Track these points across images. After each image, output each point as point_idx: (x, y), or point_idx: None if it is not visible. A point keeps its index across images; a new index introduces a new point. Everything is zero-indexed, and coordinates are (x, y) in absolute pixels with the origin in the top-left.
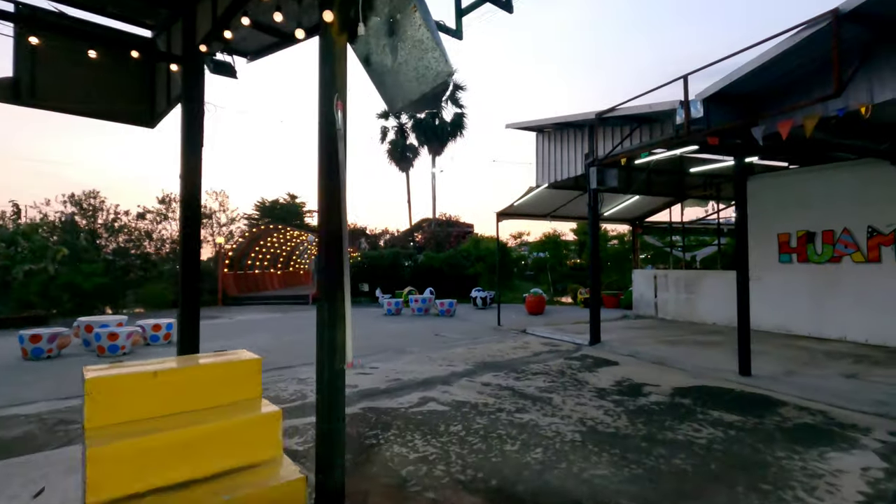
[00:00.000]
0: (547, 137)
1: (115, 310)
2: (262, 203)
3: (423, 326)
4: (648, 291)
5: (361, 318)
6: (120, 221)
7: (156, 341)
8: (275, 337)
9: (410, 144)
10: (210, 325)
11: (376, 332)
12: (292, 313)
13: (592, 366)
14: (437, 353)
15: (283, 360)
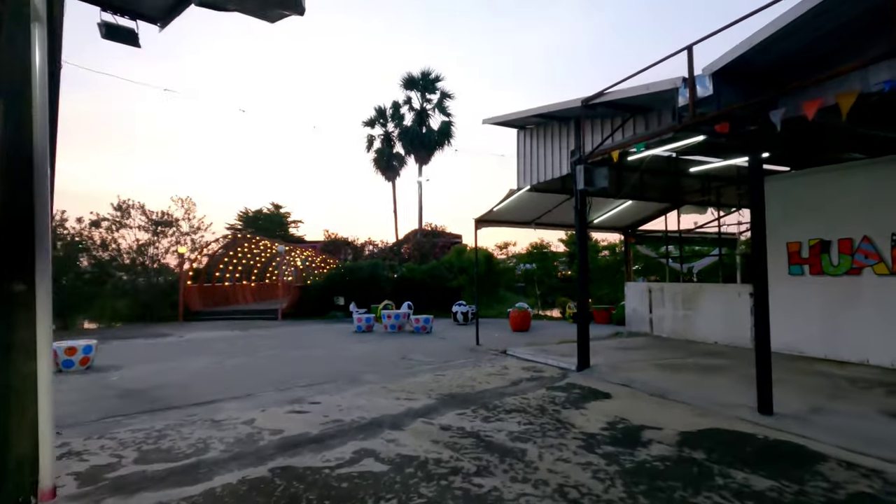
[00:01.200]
0: (529, 134)
1: (57, 326)
2: (245, 213)
3: (391, 347)
4: (642, 306)
5: (328, 335)
6: (66, 230)
7: (69, 367)
8: (216, 361)
9: (397, 153)
10: (149, 345)
11: (336, 354)
12: (253, 330)
13: (579, 399)
14: (397, 382)
15: (209, 393)
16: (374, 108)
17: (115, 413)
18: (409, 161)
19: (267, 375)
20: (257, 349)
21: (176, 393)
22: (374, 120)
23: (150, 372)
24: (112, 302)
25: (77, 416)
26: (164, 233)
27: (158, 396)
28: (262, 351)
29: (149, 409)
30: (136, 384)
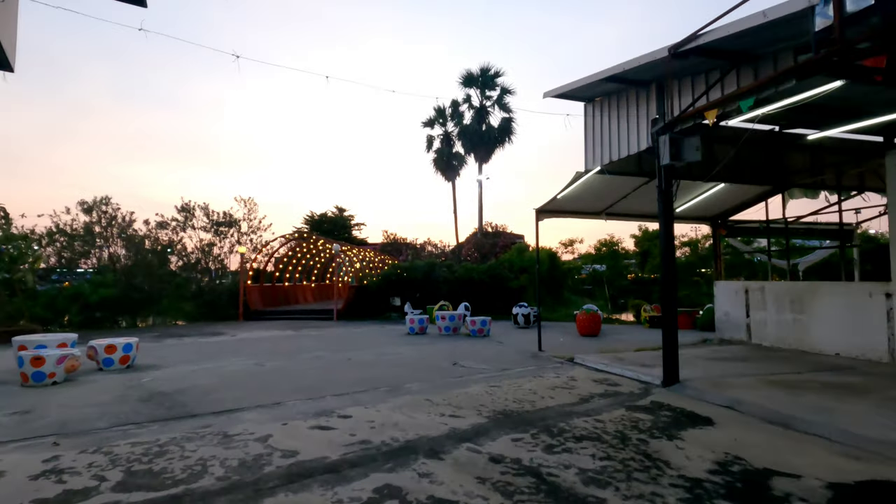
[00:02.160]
0: (598, 107)
1: (129, 324)
2: (311, 216)
3: (443, 351)
4: (737, 309)
5: (378, 337)
6: (139, 231)
7: (110, 365)
8: (256, 363)
9: (456, 152)
10: (200, 344)
11: (382, 359)
12: (306, 331)
13: (671, 425)
14: (444, 392)
15: (235, 399)
16: (433, 108)
17: (127, 420)
18: (468, 160)
19: (302, 381)
20: (302, 351)
21: (200, 398)
22: (434, 120)
23: (184, 373)
24: (177, 301)
25: (88, 422)
26: (225, 233)
27: (181, 402)
28: (306, 353)
29: (164, 416)
30: (165, 386)
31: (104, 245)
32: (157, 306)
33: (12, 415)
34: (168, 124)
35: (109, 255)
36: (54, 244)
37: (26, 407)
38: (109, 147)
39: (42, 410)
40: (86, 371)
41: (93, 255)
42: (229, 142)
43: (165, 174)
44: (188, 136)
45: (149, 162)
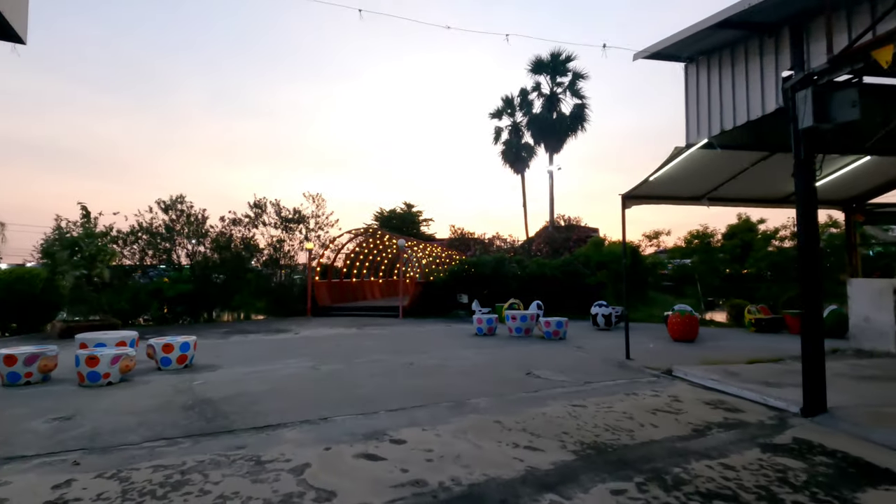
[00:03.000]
0: (704, 66)
1: (204, 319)
2: (380, 213)
3: (514, 356)
4: (881, 314)
5: (443, 338)
6: (214, 228)
7: (167, 365)
8: (311, 366)
9: (525, 143)
10: (263, 342)
11: (446, 364)
12: (370, 328)
13: (838, 480)
14: (517, 412)
15: (279, 411)
16: (500, 99)
17: (161, 434)
18: (538, 151)
19: (356, 390)
20: (361, 352)
21: (244, 408)
22: (502, 110)
23: (237, 376)
24: (250, 297)
25: (121, 435)
26: (293, 229)
27: (224, 412)
28: (365, 355)
29: (200, 430)
30: (213, 391)
31: (182, 242)
32: (231, 302)
33: (53, 421)
34: (254, 131)
35: (186, 251)
36: (138, 241)
37: (71, 411)
38: (203, 154)
39: (83, 416)
40: (144, 370)
41: (172, 251)
42: (308, 145)
43: (251, 177)
44: (271, 141)
45: (236, 166)
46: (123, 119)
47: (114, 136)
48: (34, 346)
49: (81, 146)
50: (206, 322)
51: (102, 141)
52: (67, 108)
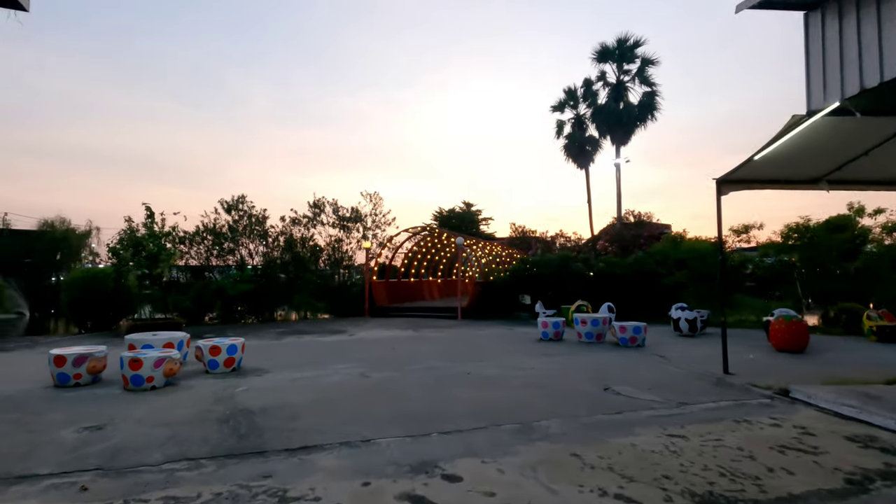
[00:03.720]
0: (833, 13)
1: (265, 319)
2: (439, 212)
3: (586, 367)
4: None
5: (505, 343)
6: (275, 228)
7: (215, 368)
8: (361, 373)
9: (590, 136)
10: (316, 344)
11: (509, 374)
12: (427, 331)
13: None
14: (597, 440)
15: (318, 429)
16: (562, 90)
17: (185, 454)
18: (604, 144)
19: (406, 403)
20: (416, 358)
21: (283, 423)
22: (564, 103)
23: (282, 383)
24: (309, 297)
25: (145, 452)
26: (350, 228)
27: (259, 427)
28: (419, 361)
29: (228, 451)
30: (254, 401)
31: (244, 242)
32: (291, 301)
33: (83, 430)
34: (315, 137)
35: (248, 251)
36: (204, 242)
37: (104, 419)
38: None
39: (114, 426)
40: (192, 373)
41: (236, 251)
42: (366, 148)
43: (312, 182)
44: (332, 147)
45: (299, 172)
46: (200, 129)
47: (192, 145)
48: (84, 347)
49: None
50: (267, 322)
51: (182, 150)
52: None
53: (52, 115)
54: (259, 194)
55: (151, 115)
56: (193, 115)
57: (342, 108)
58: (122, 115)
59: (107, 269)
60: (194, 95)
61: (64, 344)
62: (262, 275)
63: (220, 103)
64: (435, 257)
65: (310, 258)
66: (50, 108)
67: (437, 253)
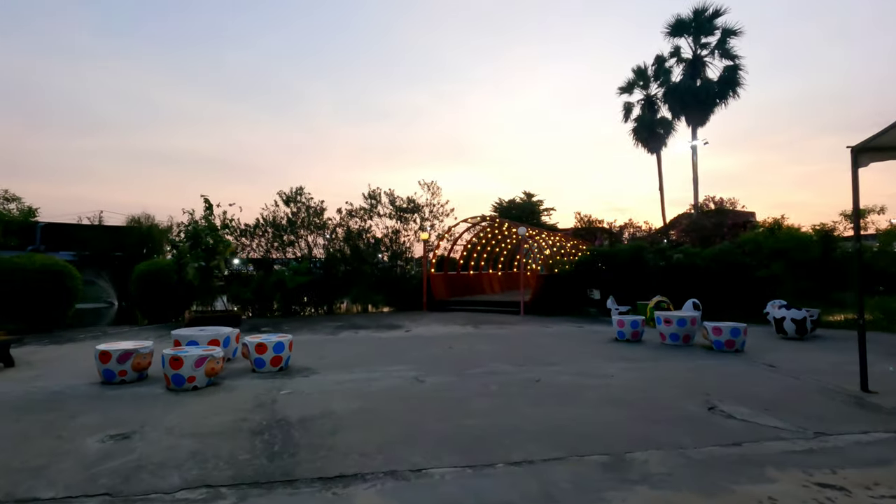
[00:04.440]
0: None
1: (324, 312)
2: (498, 203)
3: (678, 376)
4: None
5: (576, 343)
6: (332, 220)
7: (261, 367)
8: (415, 376)
9: (662, 118)
10: (369, 340)
11: (586, 384)
12: (488, 327)
13: None
14: (719, 489)
15: (357, 452)
16: (631, 70)
17: (205, 479)
18: (677, 126)
19: (464, 420)
20: (476, 360)
21: (321, 440)
22: (632, 83)
23: (329, 386)
24: (366, 289)
25: (162, 474)
26: (407, 219)
27: (295, 443)
28: (480, 363)
29: (254, 476)
30: (296, 408)
31: (303, 234)
32: (349, 294)
33: (108, 440)
34: (373, 132)
35: (306, 242)
36: (265, 234)
37: (135, 425)
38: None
39: (142, 436)
40: (239, 371)
41: (296, 244)
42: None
43: (370, 176)
44: (389, 141)
45: (357, 166)
46: (264, 128)
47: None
48: (131, 343)
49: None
50: (325, 315)
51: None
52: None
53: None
54: (319, 189)
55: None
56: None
57: (398, 103)
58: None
59: (169, 262)
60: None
61: (129, 336)
62: (320, 267)
63: (282, 103)
64: (495, 249)
65: (368, 250)
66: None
67: (497, 244)
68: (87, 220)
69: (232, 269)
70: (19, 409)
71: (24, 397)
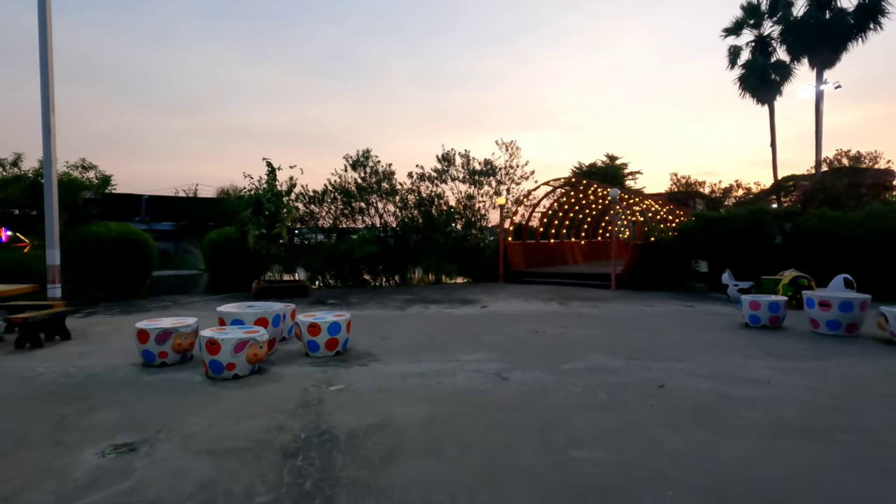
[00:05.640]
0: None
1: (397, 283)
2: (578, 168)
3: (874, 387)
4: None
5: (694, 327)
6: (402, 186)
7: (315, 351)
8: (498, 368)
9: (777, 62)
10: (440, 318)
11: (733, 394)
12: (576, 304)
13: None
14: None
15: (417, 499)
16: (739, 7)
17: None
18: (796, 69)
19: (574, 451)
20: (571, 348)
21: (369, 472)
22: (742, 22)
23: (390, 382)
24: (437, 259)
25: None
26: (483, 183)
27: (335, 475)
28: (577, 353)
29: None
30: (345, 414)
31: (373, 201)
32: (420, 264)
33: (111, 453)
34: (450, 100)
35: (376, 209)
36: (335, 201)
37: (150, 430)
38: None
39: (152, 447)
40: (291, 355)
41: (366, 212)
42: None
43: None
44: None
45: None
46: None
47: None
48: (172, 320)
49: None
50: (395, 286)
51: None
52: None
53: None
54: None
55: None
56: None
57: (474, 68)
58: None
59: (232, 231)
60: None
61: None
62: (391, 235)
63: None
64: (578, 215)
65: (440, 217)
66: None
67: (580, 210)
68: (184, 193)
69: (301, 238)
70: (43, 396)
71: (56, 380)
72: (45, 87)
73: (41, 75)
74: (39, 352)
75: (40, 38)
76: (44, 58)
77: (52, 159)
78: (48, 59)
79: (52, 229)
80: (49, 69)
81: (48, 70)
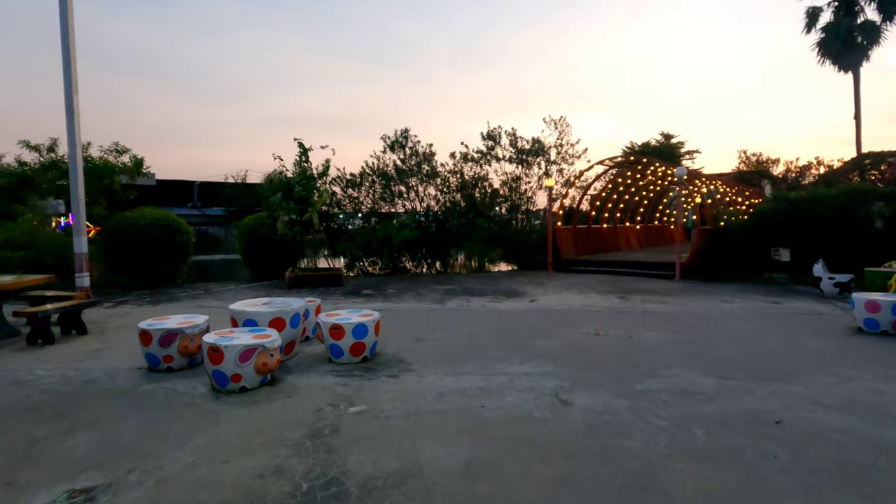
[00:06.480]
0: None
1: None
2: (630, 147)
3: None
4: None
5: (793, 333)
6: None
7: (338, 357)
8: (556, 387)
9: (864, 23)
10: (481, 316)
11: (883, 435)
12: (639, 298)
13: None
14: None
15: None
16: None
17: None
18: (888, 30)
19: None
20: (644, 362)
21: None
22: None
23: (423, 403)
24: (480, 245)
25: None
26: (530, 163)
27: None
28: (652, 369)
29: None
30: (361, 453)
31: (413, 184)
32: (462, 251)
33: (70, 500)
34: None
35: (415, 192)
36: (374, 185)
37: (122, 469)
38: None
39: (126, 482)
40: (312, 360)
41: (406, 195)
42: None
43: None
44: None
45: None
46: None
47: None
48: (181, 318)
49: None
50: (435, 275)
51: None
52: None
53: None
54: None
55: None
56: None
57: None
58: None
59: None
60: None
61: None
62: (432, 220)
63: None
64: (635, 197)
65: (484, 201)
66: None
67: (637, 192)
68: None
69: (338, 224)
70: (24, 411)
71: (49, 388)
72: (67, 67)
73: (63, 55)
74: (48, 349)
75: (61, 16)
76: (65, 37)
77: (77, 142)
78: (69, 39)
79: (78, 214)
80: (71, 48)
81: (70, 50)
